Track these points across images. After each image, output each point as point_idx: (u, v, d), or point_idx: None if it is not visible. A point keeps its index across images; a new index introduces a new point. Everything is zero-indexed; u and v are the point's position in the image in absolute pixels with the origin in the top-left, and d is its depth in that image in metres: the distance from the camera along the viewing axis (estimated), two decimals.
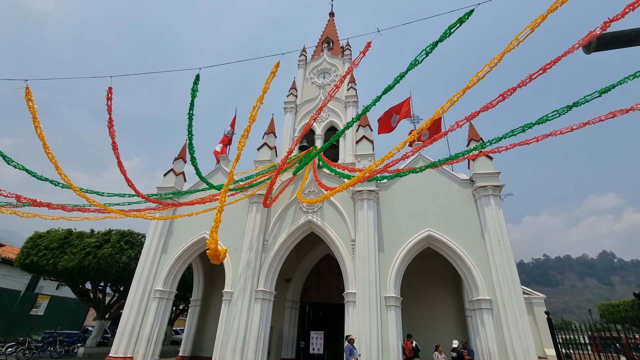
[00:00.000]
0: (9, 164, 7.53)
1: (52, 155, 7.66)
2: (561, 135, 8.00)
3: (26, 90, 6.35)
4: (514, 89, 5.79)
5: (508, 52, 6.48)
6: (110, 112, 7.36)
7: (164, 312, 14.15)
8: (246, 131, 7.96)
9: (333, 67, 20.08)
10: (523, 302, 11.00)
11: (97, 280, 17.83)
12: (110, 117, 7.53)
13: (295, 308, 17.63)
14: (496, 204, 12.62)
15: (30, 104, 6.49)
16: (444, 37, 6.19)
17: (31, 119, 6.66)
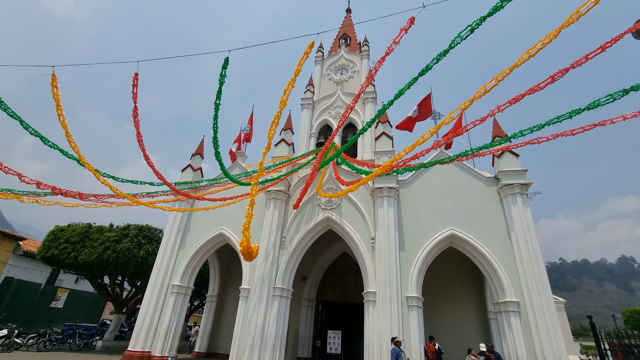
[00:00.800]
0: (46, 143, 7.54)
1: (74, 144, 7.63)
2: (579, 136, 7.53)
3: (52, 77, 6.29)
4: (567, 70, 5.39)
5: (548, 43, 6.12)
6: (135, 100, 7.25)
7: (182, 307, 14.14)
8: (276, 118, 7.71)
9: (351, 63, 19.78)
10: (553, 305, 10.51)
11: (115, 275, 18.00)
12: (135, 105, 7.42)
13: (312, 307, 17.41)
14: (523, 202, 12.12)
15: (55, 91, 6.43)
16: (493, 11, 5.76)
17: (54, 106, 6.60)
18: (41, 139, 8.13)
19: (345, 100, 18.04)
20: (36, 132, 7.93)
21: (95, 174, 8.64)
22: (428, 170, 14.03)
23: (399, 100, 9.45)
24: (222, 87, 7.23)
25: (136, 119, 7.71)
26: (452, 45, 6.42)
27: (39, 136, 8.02)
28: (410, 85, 8.45)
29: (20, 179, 7.74)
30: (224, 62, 6.61)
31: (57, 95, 6.53)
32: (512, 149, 13.05)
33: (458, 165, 13.85)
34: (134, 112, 7.51)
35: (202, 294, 23.86)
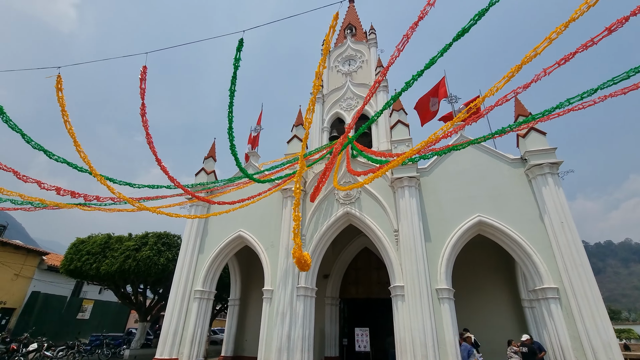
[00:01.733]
0: (51, 157, 7.35)
1: (84, 154, 7.41)
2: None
3: (57, 79, 6.02)
4: (626, 19, 4.81)
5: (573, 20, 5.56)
6: (143, 96, 6.92)
7: (205, 312, 13.97)
8: (312, 103, 7.25)
9: (358, 53, 19.25)
10: (597, 290, 9.83)
11: (137, 283, 18.03)
12: (143, 102, 7.09)
13: (335, 304, 17.06)
14: (555, 182, 11.42)
15: (60, 95, 6.17)
16: None
17: (60, 112, 6.35)
18: (45, 153, 7.91)
19: (356, 91, 17.54)
20: (39, 146, 7.72)
21: (102, 180, 8.42)
22: (448, 157, 13.44)
23: (414, 85, 9.00)
24: (237, 72, 6.85)
25: (144, 118, 7.37)
26: (465, 29, 5.95)
27: (42, 150, 7.80)
28: (427, 67, 7.96)
29: (40, 186, 7.60)
30: (238, 43, 6.21)
31: (62, 99, 6.27)
32: (535, 126, 12.39)
33: (480, 148, 13.23)
34: (141, 109, 7.18)
35: (223, 298, 23.84)
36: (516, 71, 7.20)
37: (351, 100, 17.42)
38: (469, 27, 7.01)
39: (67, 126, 6.65)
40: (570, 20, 5.37)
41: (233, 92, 7.16)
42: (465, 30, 7.10)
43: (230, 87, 7.00)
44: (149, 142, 7.95)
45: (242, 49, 6.11)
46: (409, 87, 8.76)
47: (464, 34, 7.14)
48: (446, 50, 7.33)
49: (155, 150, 8.31)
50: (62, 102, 6.25)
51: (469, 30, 7.09)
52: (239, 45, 5.94)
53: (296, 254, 6.68)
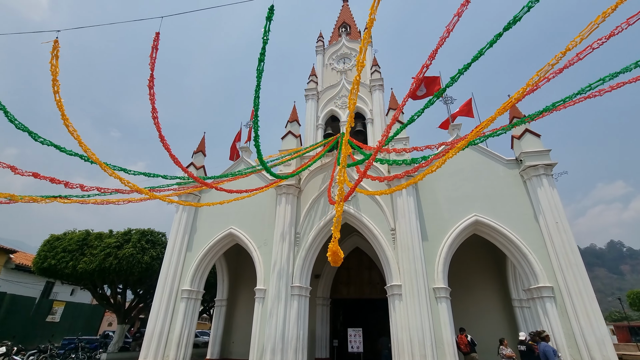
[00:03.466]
0: (36, 140, 6.64)
1: (73, 127, 6.74)
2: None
3: (54, 45, 5.39)
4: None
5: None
6: (153, 67, 6.31)
7: (193, 313, 13.33)
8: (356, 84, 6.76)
9: (353, 51, 19.14)
10: (591, 289, 10.03)
11: (117, 283, 17.02)
12: (152, 74, 6.47)
13: (327, 305, 16.74)
14: (549, 183, 11.64)
15: (54, 62, 5.53)
16: None
17: (51, 80, 5.71)
18: (30, 134, 7.10)
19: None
20: (22, 126, 6.94)
21: (101, 164, 7.72)
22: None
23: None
24: (265, 47, 6.35)
25: (152, 91, 6.76)
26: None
27: (26, 130, 7.02)
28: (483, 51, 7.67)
29: (14, 171, 6.86)
30: (268, 12, 5.74)
31: (55, 68, 5.63)
32: (530, 128, 12.63)
33: (475, 148, 13.36)
34: (150, 82, 6.59)
35: (205, 299, 23.01)
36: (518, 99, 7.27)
37: (346, 98, 17.24)
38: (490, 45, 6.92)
39: (56, 97, 6.00)
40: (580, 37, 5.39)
41: (261, 71, 6.67)
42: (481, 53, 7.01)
43: (258, 65, 6.50)
44: (154, 117, 7.30)
45: (272, 18, 5.66)
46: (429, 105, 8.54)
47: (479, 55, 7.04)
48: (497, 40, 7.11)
49: (160, 127, 7.67)
50: (54, 71, 5.62)
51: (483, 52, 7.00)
52: (269, 14, 5.50)
53: (333, 248, 6.24)
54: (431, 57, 6.52)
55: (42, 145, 7.12)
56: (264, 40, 5.97)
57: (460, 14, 5.73)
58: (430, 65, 6.82)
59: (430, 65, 6.82)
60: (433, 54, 6.51)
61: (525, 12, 5.37)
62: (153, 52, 5.99)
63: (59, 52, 5.52)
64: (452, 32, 6.05)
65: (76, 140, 7.01)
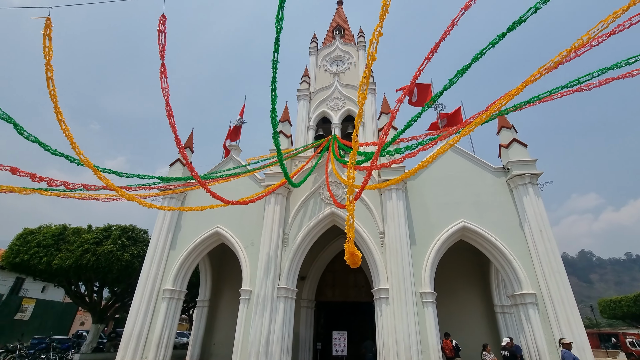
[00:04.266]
0: (20, 133, 6.19)
1: (65, 125, 6.36)
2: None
3: (46, 23, 4.99)
4: None
5: None
6: (162, 55, 5.93)
7: (175, 313, 12.91)
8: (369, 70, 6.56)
9: (347, 54, 19.18)
10: (572, 296, 10.32)
11: (94, 280, 16.34)
12: (163, 62, 6.05)
13: (311, 307, 16.59)
14: (535, 192, 11.94)
15: (47, 44, 5.10)
16: None
17: (44, 64, 5.30)
18: (15, 126, 6.55)
19: (344, 92, 17.39)
20: (8, 117, 6.44)
21: (94, 169, 7.31)
22: (435, 162, 13.62)
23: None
24: (279, 36, 6.09)
25: (164, 82, 6.32)
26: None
27: (11, 122, 6.50)
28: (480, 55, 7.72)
29: None
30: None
31: (49, 50, 5.20)
32: (512, 130, 12.95)
33: (464, 156, 13.58)
34: (161, 72, 6.20)
35: (184, 299, 22.39)
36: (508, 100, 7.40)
37: (338, 101, 17.24)
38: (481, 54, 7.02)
39: (49, 86, 5.58)
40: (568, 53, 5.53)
41: (276, 62, 6.44)
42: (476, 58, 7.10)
43: (273, 56, 6.29)
44: (169, 115, 6.91)
45: (284, 4, 5.44)
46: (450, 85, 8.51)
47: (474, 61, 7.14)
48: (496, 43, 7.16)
49: (174, 126, 7.28)
50: (48, 53, 5.22)
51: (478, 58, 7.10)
52: (280, 1, 5.30)
53: (350, 248, 5.94)
54: (434, 50, 6.50)
55: (17, 138, 6.66)
56: (277, 29, 5.78)
57: (467, 7, 5.72)
58: (427, 63, 6.82)
59: (427, 63, 6.82)
60: (435, 47, 6.49)
61: (532, 12, 5.42)
62: (160, 37, 5.67)
63: (52, 31, 5.11)
64: (451, 30, 6.06)
65: (68, 140, 6.56)
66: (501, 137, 13.70)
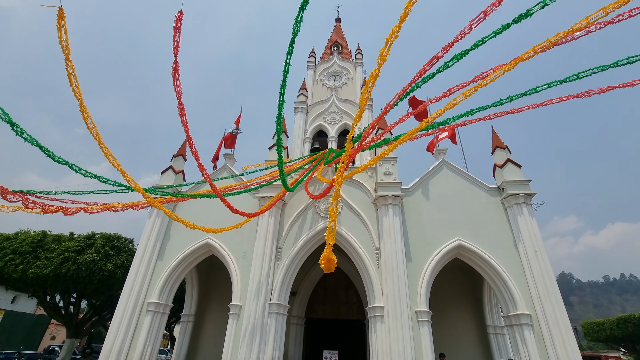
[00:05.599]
0: (20, 135, 5.75)
1: (93, 124, 5.91)
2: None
3: (59, 14, 4.67)
4: None
5: None
6: (176, 53, 5.63)
7: (159, 328, 12.24)
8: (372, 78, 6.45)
9: (344, 70, 19.44)
10: (567, 318, 10.31)
11: (72, 291, 15.44)
12: (176, 60, 5.73)
13: (301, 324, 16.09)
14: (529, 212, 12.08)
15: (64, 38, 4.74)
16: None
17: (64, 60, 4.96)
18: (12, 127, 5.94)
19: (341, 106, 17.51)
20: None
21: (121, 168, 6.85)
22: (431, 179, 13.73)
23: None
24: (294, 40, 5.96)
25: (176, 82, 6.00)
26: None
27: (8, 121, 5.99)
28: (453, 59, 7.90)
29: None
30: (302, 1, 5.42)
31: (67, 44, 4.83)
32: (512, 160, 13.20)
33: (460, 174, 13.71)
34: (174, 69, 5.91)
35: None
36: None
37: (335, 115, 17.32)
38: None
39: (72, 83, 5.18)
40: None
41: (287, 65, 6.29)
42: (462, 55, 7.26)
43: (286, 58, 6.18)
44: (181, 113, 6.58)
45: (306, 7, 5.36)
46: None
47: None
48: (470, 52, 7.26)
49: (187, 125, 6.96)
50: (67, 47, 4.81)
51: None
52: (303, 2, 5.20)
53: (327, 254, 6.02)
54: (445, 49, 6.52)
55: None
56: (294, 31, 5.71)
57: (487, 13, 5.73)
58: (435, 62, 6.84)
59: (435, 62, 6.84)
60: (447, 46, 6.50)
61: (540, 7, 5.46)
62: (175, 34, 5.45)
63: (66, 22, 4.76)
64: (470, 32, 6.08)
65: (95, 140, 6.12)
66: (495, 157, 13.94)
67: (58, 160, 6.60)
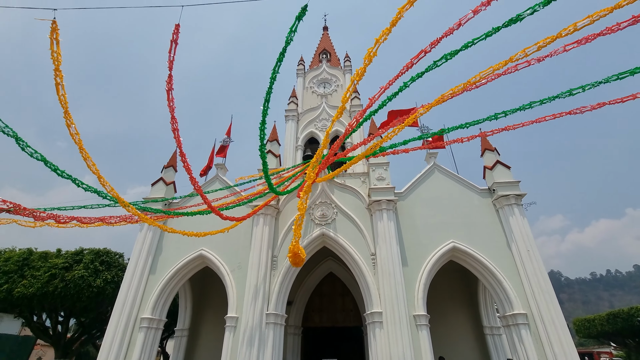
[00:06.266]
0: (24, 150, 5.59)
1: (76, 130, 5.74)
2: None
3: (52, 26, 4.58)
4: None
5: None
6: (171, 66, 5.58)
7: (152, 345, 11.91)
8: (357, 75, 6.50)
9: (333, 77, 19.63)
10: (562, 316, 10.47)
11: (60, 310, 14.92)
12: (170, 74, 5.66)
13: (298, 334, 15.87)
14: (520, 213, 12.31)
15: (56, 49, 4.68)
16: None
17: (53, 70, 4.87)
18: (17, 141, 5.76)
19: (331, 113, 17.62)
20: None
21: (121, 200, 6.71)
22: (423, 183, 13.88)
23: None
24: (287, 48, 5.99)
25: (170, 95, 5.91)
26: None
27: (14, 136, 5.74)
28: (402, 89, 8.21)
29: None
30: (300, 11, 5.41)
31: (58, 55, 4.77)
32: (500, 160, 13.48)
33: (452, 177, 13.91)
34: (168, 83, 5.84)
35: None
36: None
37: (326, 122, 17.41)
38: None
39: (59, 91, 5.07)
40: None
41: (275, 72, 6.31)
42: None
43: (275, 65, 6.18)
44: (174, 129, 6.47)
45: (303, 17, 5.39)
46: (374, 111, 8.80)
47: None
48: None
49: (180, 142, 6.86)
50: (57, 59, 4.76)
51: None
52: (300, 13, 5.22)
53: (295, 248, 6.12)
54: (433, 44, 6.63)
55: None
56: (286, 40, 5.74)
57: (477, 11, 5.84)
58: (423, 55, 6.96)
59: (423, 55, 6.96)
60: (435, 41, 6.61)
61: (529, 14, 5.61)
62: (172, 47, 5.41)
63: (59, 35, 4.70)
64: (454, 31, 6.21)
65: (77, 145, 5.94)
66: (485, 159, 14.19)
67: (62, 175, 6.46)
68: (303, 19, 5.54)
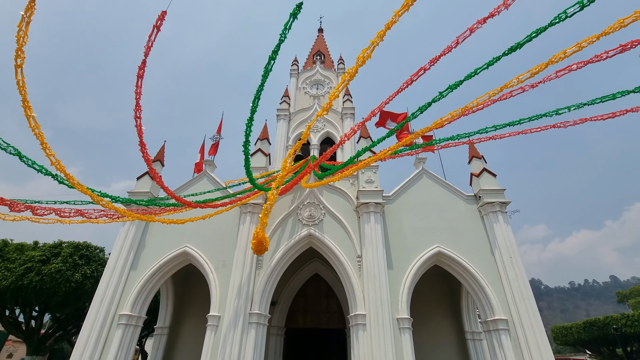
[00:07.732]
0: (31, 166, 5.39)
1: (36, 123, 5.56)
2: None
3: (29, 4, 4.30)
4: None
5: None
6: (147, 52, 5.43)
7: (130, 343, 11.59)
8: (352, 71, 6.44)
9: (327, 79, 19.66)
10: (541, 322, 10.67)
11: (35, 304, 14.41)
12: (145, 60, 5.58)
13: (281, 335, 15.73)
14: (505, 220, 12.53)
15: (23, 28, 4.30)
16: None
17: (15, 50, 4.50)
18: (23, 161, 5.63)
19: (324, 115, 17.62)
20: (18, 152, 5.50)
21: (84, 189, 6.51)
22: (411, 187, 14.00)
23: None
24: (280, 46, 5.93)
25: (139, 82, 5.78)
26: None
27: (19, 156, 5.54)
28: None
29: None
30: (294, 8, 5.35)
31: (24, 34, 4.36)
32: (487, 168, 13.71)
33: (439, 183, 14.07)
34: (140, 68, 5.66)
35: None
36: None
37: (318, 123, 17.41)
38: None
39: (17, 75, 4.73)
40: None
41: (268, 69, 6.24)
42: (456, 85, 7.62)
43: (268, 62, 6.10)
44: (137, 117, 6.32)
45: (298, 15, 5.33)
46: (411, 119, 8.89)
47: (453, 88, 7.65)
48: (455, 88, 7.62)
49: (142, 132, 6.72)
50: (22, 37, 4.29)
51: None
52: (294, 10, 5.16)
53: (259, 234, 6.15)
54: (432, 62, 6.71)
55: None
56: (280, 38, 5.70)
57: (473, 30, 5.96)
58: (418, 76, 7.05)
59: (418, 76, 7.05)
60: (435, 59, 6.70)
61: (527, 41, 5.76)
62: (153, 31, 5.27)
63: (33, 14, 4.43)
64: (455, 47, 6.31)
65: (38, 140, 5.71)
66: (472, 166, 14.41)
67: (40, 171, 6.24)
68: (298, 17, 5.49)
